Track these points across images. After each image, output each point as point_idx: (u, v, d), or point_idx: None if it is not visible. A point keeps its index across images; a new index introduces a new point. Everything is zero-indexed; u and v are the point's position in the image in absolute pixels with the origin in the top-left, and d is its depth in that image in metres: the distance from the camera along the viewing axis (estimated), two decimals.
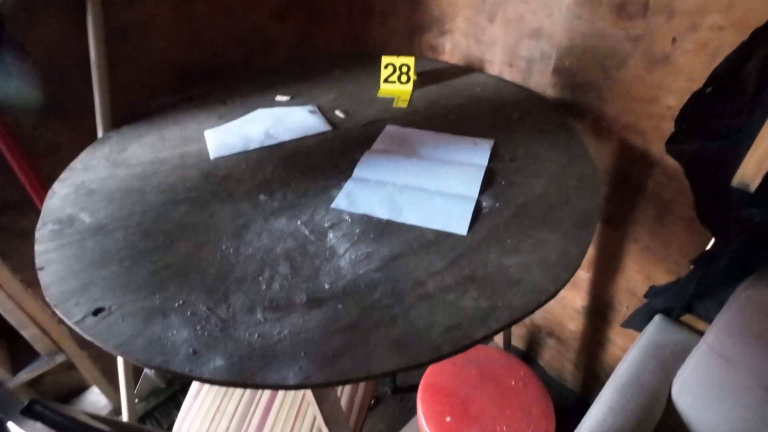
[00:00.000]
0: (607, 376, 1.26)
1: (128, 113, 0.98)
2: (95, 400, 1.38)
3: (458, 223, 0.66)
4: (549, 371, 1.46)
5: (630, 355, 0.93)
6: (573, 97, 0.98)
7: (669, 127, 0.84)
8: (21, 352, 1.20)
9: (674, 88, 0.80)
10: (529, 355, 1.52)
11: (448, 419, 0.93)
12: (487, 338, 0.51)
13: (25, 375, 1.18)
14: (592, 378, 1.32)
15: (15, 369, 1.19)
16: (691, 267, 0.91)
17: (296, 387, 0.47)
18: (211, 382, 0.47)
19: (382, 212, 0.69)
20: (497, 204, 0.70)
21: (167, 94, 1.06)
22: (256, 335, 0.51)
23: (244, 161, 0.82)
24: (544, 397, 0.95)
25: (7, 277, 1.03)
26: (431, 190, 0.73)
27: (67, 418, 0.56)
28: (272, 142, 0.88)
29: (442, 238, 0.64)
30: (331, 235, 0.65)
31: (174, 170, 0.80)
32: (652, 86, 0.84)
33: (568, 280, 0.58)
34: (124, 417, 1.20)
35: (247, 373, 0.47)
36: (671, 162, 0.86)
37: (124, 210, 0.71)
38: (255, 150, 0.86)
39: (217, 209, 0.71)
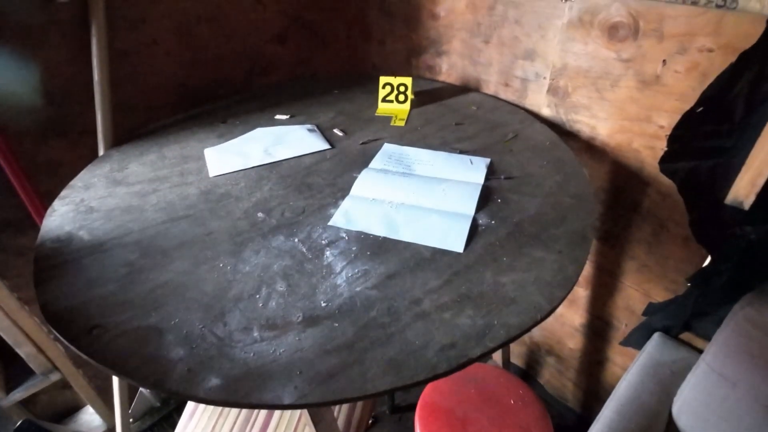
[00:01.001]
0: (607, 394, 1.25)
1: (129, 132, 1.00)
2: (89, 419, 1.36)
3: (455, 241, 0.66)
4: (549, 390, 1.45)
5: (629, 374, 0.92)
6: (567, 117, 0.99)
7: (662, 146, 0.85)
8: (16, 371, 1.19)
9: (666, 108, 0.82)
10: (528, 374, 1.50)
11: None
12: (483, 357, 0.51)
13: (20, 394, 1.17)
14: (593, 396, 1.31)
15: (9, 388, 1.18)
16: (689, 285, 0.92)
17: (291, 407, 0.47)
18: (206, 401, 0.47)
19: (379, 230, 0.69)
20: (493, 222, 0.71)
21: (168, 113, 1.08)
22: (252, 354, 0.51)
23: (243, 179, 0.83)
24: (544, 417, 0.94)
25: (4, 294, 1.03)
26: (428, 208, 0.74)
27: None
28: (271, 160, 0.89)
29: (438, 255, 0.65)
30: (328, 252, 0.66)
31: (173, 188, 0.81)
32: (644, 106, 0.85)
33: (563, 299, 0.58)
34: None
35: (242, 392, 0.47)
36: (665, 180, 0.87)
37: (123, 228, 0.71)
38: (254, 168, 0.87)
39: (216, 227, 0.71)
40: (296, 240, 0.68)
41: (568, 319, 1.25)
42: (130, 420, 1.33)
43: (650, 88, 0.83)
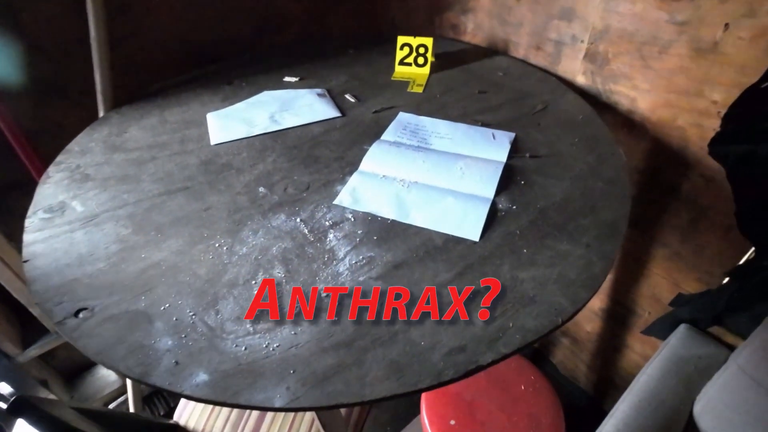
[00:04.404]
0: (623, 380, 1.21)
1: (130, 93, 0.94)
2: (106, 374, 1.40)
3: (470, 228, 0.60)
4: (561, 370, 1.42)
5: (650, 368, 0.87)
6: (605, 87, 0.89)
7: (712, 125, 0.75)
8: (33, 329, 1.22)
9: (722, 81, 0.72)
10: (541, 353, 1.47)
11: (452, 422, 0.90)
12: (494, 363, 0.47)
13: (35, 350, 1.20)
14: (607, 381, 1.27)
15: (26, 344, 1.21)
16: (726, 278, 0.84)
17: (282, 410, 0.43)
18: (192, 398, 0.44)
19: (388, 212, 0.64)
20: (514, 207, 0.64)
21: (172, 73, 1.01)
22: (244, 348, 0.48)
23: (245, 149, 0.78)
24: (555, 405, 0.90)
25: (14, 256, 1.02)
26: (443, 189, 0.67)
27: (53, 418, 0.54)
28: (277, 128, 0.83)
29: (451, 244, 0.59)
30: (331, 235, 0.61)
31: (172, 156, 0.76)
32: (696, 78, 0.75)
33: (588, 300, 0.52)
34: (129, 395, 1.21)
35: (230, 391, 0.44)
36: (711, 164, 0.78)
37: (118, 199, 0.67)
38: (258, 137, 0.81)
39: (214, 202, 0.67)
40: (298, 220, 0.63)
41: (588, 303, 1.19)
42: None
43: (705, 56, 0.72)
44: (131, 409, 1.19)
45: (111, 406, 1.36)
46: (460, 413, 0.90)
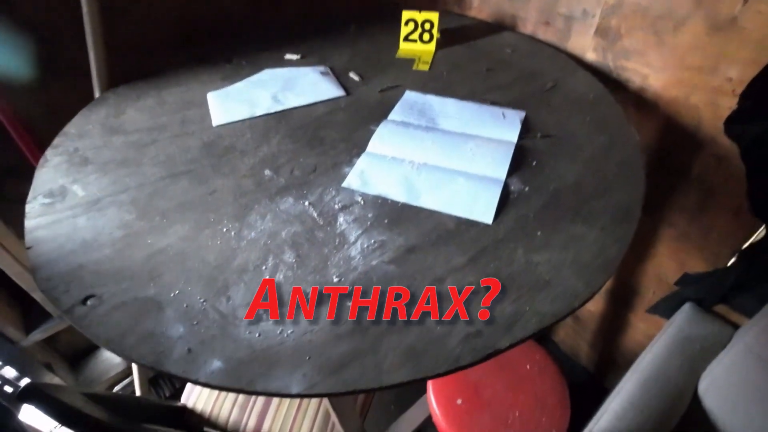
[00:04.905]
0: (624, 358, 1.22)
1: (126, 72, 0.91)
2: (110, 357, 1.41)
3: (483, 211, 0.59)
4: (563, 348, 1.43)
5: (655, 346, 0.88)
6: (615, 63, 0.87)
7: (727, 103, 0.74)
8: (36, 313, 1.21)
9: (739, 58, 0.70)
10: (543, 330, 1.48)
11: (459, 402, 0.91)
12: (511, 347, 0.46)
13: (39, 335, 1.19)
14: (608, 359, 1.29)
15: (28, 329, 1.20)
16: (734, 258, 0.84)
17: (299, 396, 0.43)
18: (207, 386, 0.44)
19: (398, 195, 0.62)
20: (526, 189, 0.63)
21: (169, 52, 0.98)
22: (258, 335, 0.47)
23: (248, 130, 0.76)
24: (560, 385, 0.91)
25: (13, 241, 1.01)
26: (453, 170, 0.66)
27: (62, 403, 0.53)
28: (280, 108, 0.80)
29: (463, 227, 0.58)
30: (341, 219, 0.59)
31: (173, 139, 0.74)
32: (711, 54, 0.73)
33: (603, 284, 0.51)
34: (135, 378, 1.22)
35: (246, 378, 0.43)
36: (725, 143, 0.76)
37: (119, 184, 0.65)
38: (261, 117, 0.78)
39: (219, 186, 0.65)
40: (306, 203, 0.62)
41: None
42: None
43: (722, 32, 0.70)
44: (137, 392, 1.19)
45: (116, 389, 1.37)
46: (467, 393, 0.91)
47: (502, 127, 0.73)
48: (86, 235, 0.58)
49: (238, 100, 0.82)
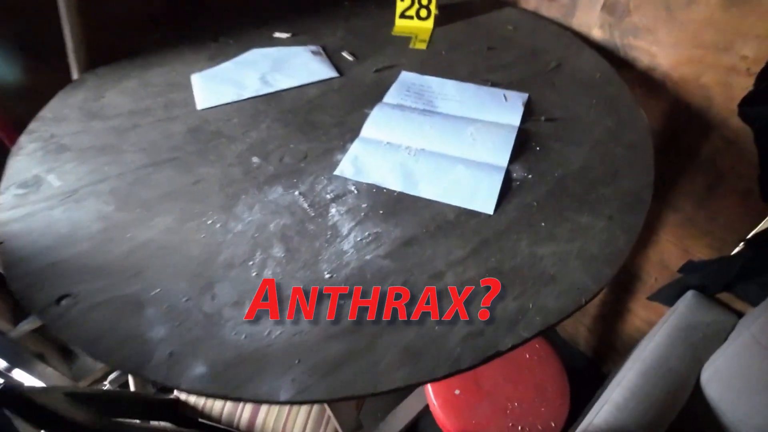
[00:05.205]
0: (624, 344, 1.21)
1: (107, 51, 0.86)
2: None
3: (484, 201, 0.56)
4: (561, 333, 1.42)
5: (657, 335, 0.86)
6: (623, 41, 0.82)
7: (741, 83, 0.70)
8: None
9: (757, 34, 0.65)
10: (548, 329, 1.46)
11: (457, 392, 0.89)
12: (514, 348, 0.44)
13: (28, 325, 1.17)
14: (607, 344, 1.27)
15: (17, 319, 1.18)
16: (741, 245, 0.81)
17: (289, 402, 0.40)
18: (191, 392, 0.41)
19: (394, 183, 0.59)
20: (530, 176, 0.59)
21: (152, 29, 0.92)
22: (244, 336, 0.44)
23: (236, 114, 0.71)
24: (560, 374, 0.90)
25: None
26: (453, 156, 0.62)
27: (39, 408, 0.51)
28: (269, 90, 0.76)
29: (463, 218, 0.55)
30: (333, 210, 0.56)
31: (156, 124, 0.70)
32: (726, 31, 0.69)
33: (612, 277, 0.48)
34: None
35: (231, 384, 0.41)
36: (737, 125, 0.73)
37: (98, 172, 0.62)
38: (249, 100, 0.74)
39: (204, 174, 0.61)
40: (297, 193, 0.58)
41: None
42: None
43: (739, 6, 0.66)
44: (131, 383, 1.18)
45: (111, 377, 1.35)
46: (466, 383, 0.90)
47: (504, 110, 0.69)
48: (62, 228, 0.54)
49: (225, 82, 0.77)
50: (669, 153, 0.85)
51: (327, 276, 0.49)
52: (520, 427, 0.85)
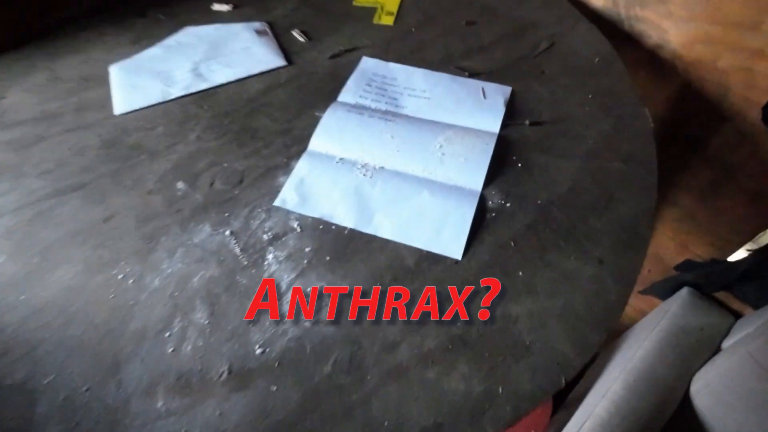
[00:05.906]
0: (614, 334, 1.17)
1: (9, 33, 0.71)
2: None
3: (451, 241, 0.46)
4: None
5: (647, 341, 0.80)
6: (629, 12, 0.69)
7: (765, 71, 0.58)
8: None
9: None
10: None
11: None
12: None
13: None
14: None
15: None
16: (744, 250, 0.73)
17: None
18: None
19: (345, 217, 0.49)
20: (508, 204, 0.50)
21: (66, 2, 0.77)
22: None
23: (161, 120, 0.60)
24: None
25: None
26: (417, 177, 0.52)
27: None
28: (203, 86, 0.63)
29: (425, 264, 0.46)
30: (270, 256, 0.47)
31: (66, 135, 0.58)
32: (752, 6, 0.56)
33: (599, 346, 0.41)
34: None
35: None
36: (754, 119, 0.62)
37: None
38: (178, 100, 0.62)
39: (118, 206, 0.51)
40: (228, 233, 0.48)
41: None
42: None
43: None
44: None
45: None
46: None
47: (482, 112, 0.58)
48: None
49: (150, 76, 0.64)
50: (672, 143, 0.75)
51: (258, 351, 0.41)
52: None
